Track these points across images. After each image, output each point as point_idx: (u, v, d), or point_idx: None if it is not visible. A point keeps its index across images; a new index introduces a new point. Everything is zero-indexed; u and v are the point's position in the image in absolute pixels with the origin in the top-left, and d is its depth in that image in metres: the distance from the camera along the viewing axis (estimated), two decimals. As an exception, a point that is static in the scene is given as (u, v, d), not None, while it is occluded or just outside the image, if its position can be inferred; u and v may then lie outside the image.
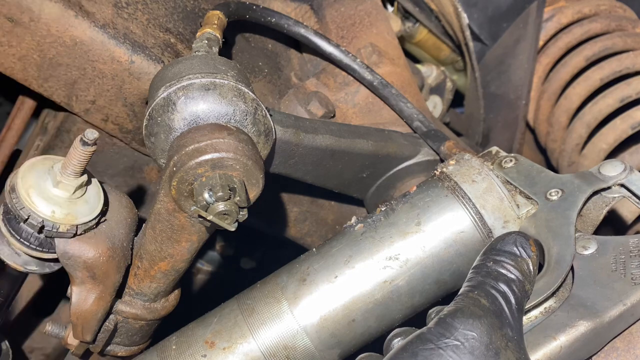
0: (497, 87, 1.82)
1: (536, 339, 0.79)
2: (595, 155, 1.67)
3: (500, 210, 0.92)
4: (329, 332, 0.93)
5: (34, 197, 0.87)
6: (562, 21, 1.81)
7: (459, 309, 0.74)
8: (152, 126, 0.95)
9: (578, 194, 0.91)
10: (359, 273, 0.93)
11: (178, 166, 0.88)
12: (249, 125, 0.96)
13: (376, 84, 1.30)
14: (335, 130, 1.14)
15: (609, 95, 1.66)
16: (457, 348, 0.71)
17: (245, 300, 0.97)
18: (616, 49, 1.72)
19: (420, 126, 1.23)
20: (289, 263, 1.00)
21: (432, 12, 1.74)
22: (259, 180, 0.91)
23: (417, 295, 0.94)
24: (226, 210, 0.87)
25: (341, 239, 0.97)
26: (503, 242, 0.82)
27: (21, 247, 0.91)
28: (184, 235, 0.97)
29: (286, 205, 1.34)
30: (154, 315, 1.05)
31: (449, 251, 0.93)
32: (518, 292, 0.78)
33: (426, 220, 0.94)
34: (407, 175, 1.24)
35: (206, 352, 0.93)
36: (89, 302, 0.95)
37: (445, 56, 1.85)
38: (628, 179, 0.91)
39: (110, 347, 1.06)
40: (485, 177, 0.94)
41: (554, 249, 0.85)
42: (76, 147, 0.87)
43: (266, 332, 0.93)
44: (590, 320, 0.78)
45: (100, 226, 0.93)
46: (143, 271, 1.01)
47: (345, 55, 1.31)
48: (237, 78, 0.97)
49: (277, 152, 1.07)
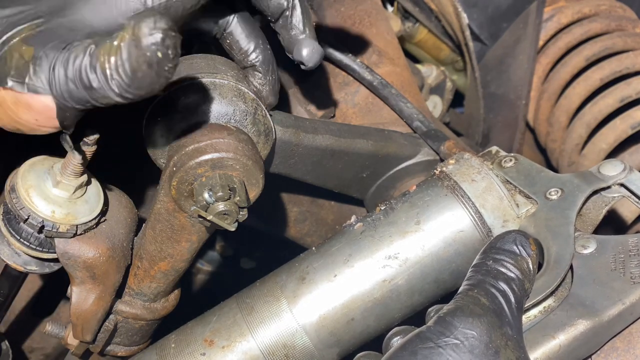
0: (497, 87, 1.82)
1: (535, 338, 0.79)
2: (595, 155, 1.66)
3: (499, 209, 0.92)
4: (328, 330, 0.93)
5: (33, 197, 0.87)
6: (562, 21, 1.81)
7: (459, 308, 0.74)
8: (152, 126, 0.95)
9: (578, 194, 0.91)
10: (359, 272, 0.93)
11: (178, 166, 0.88)
12: (249, 125, 0.96)
13: (376, 84, 1.30)
14: (335, 130, 1.14)
15: (609, 95, 1.66)
16: (456, 347, 0.71)
17: (245, 298, 0.97)
18: (616, 49, 1.72)
19: (420, 126, 1.23)
20: (289, 262, 1.00)
21: (432, 12, 1.74)
22: (259, 180, 0.91)
23: (416, 294, 0.94)
24: (226, 210, 0.87)
25: (340, 238, 0.97)
26: (503, 241, 0.82)
27: (21, 247, 0.91)
28: (184, 235, 0.97)
29: (286, 205, 1.34)
30: (154, 315, 1.05)
31: (448, 250, 0.93)
32: (518, 290, 0.78)
33: (425, 220, 0.94)
34: (407, 175, 1.24)
35: (205, 351, 0.93)
36: (89, 302, 0.95)
37: (445, 56, 1.85)
38: (628, 178, 0.91)
39: (110, 347, 1.07)
40: (484, 176, 0.94)
41: (554, 248, 0.86)
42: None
43: (265, 331, 0.93)
44: (590, 319, 0.78)
45: (100, 226, 0.93)
46: (143, 271, 1.01)
47: (345, 55, 1.31)
48: (237, 78, 0.97)
49: (277, 152, 1.07)
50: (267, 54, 0.99)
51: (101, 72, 0.68)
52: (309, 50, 0.95)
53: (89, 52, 0.70)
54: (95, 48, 0.69)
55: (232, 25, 0.97)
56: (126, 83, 0.68)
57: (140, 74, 0.66)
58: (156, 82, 0.68)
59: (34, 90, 0.74)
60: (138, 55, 0.65)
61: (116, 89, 0.69)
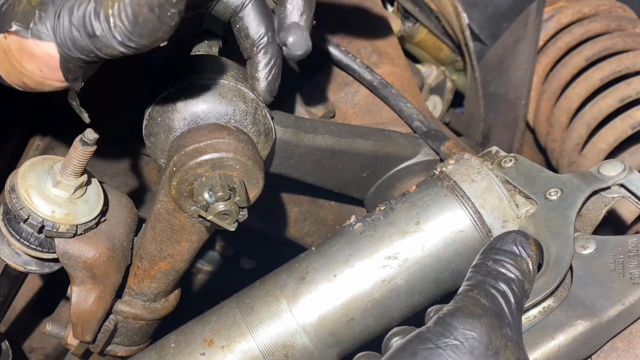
0: (497, 87, 1.82)
1: (535, 339, 0.79)
2: (595, 155, 1.67)
3: (499, 209, 0.92)
4: (328, 330, 0.93)
5: (33, 197, 0.87)
6: (562, 21, 1.81)
7: (459, 308, 0.74)
8: (152, 126, 0.95)
9: (577, 194, 0.91)
10: (358, 272, 0.93)
11: (178, 166, 0.88)
12: (249, 125, 0.96)
13: (376, 84, 1.30)
14: (335, 130, 1.14)
15: (609, 95, 1.66)
16: (456, 348, 0.71)
17: (244, 298, 0.97)
18: (616, 49, 1.72)
19: (420, 126, 1.23)
20: (288, 262, 1.00)
21: (432, 12, 1.75)
22: (259, 180, 0.91)
23: (416, 295, 0.95)
24: (226, 210, 0.87)
25: (340, 238, 0.97)
26: (503, 241, 0.82)
27: (21, 247, 0.91)
28: (184, 235, 0.97)
29: (286, 205, 1.34)
30: (154, 315, 1.05)
31: (448, 250, 0.93)
32: (518, 291, 0.78)
33: (425, 220, 0.94)
34: (407, 175, 1.24)
35: (205, 351, 0.93)
36: (89, 302, 0.95)
37: (445, 56, 1.85)
38: (627, 179, 0.91)
39: (110, 347, 1.07)
40: (484, 176, 0.94)
41: (553, 248, 0.86)
42: (76, 147, 0.87)
43: (265, 331, 0.93)
44: (589, 319, 0.78)
45: (100, 226, 0.93)
46: (143, 271, 1.01)
47: (345, 55, 1.31)
48: (237, 78, 0.97)
49: (277, 152, 1.07)
50: (275, 47, 0.96)
51: (104, 19, 0.68)
52: (297, 37, 0.92)
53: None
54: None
55: (246, 8, 0.94)
56: (128, 30, 0.67)
57: (142, 19, 0.66)
58: (159, 29, 0.67)
59: (37, 36, 0.73)
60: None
61: (119, 37, 0.68)
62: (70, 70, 0.76)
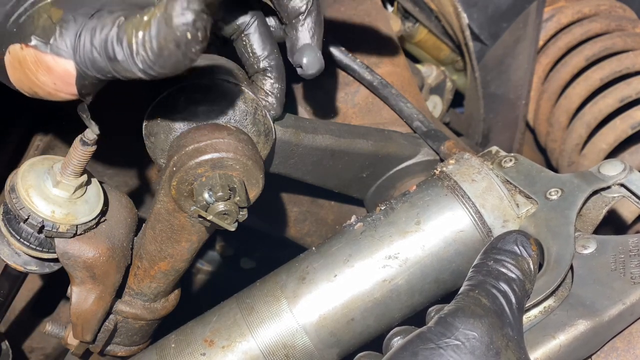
0: (497, 87, 1.82)
1: (535, 338, 0.79)
2: (595, 155, 1.66)
3: (499, 209, 0.92)
4: (328, 330, 0.93)
5: (33, 197, 0.87)
6: (562, 21, 1.81)
7: (460, 308, 0.74)
8: (152, 126, 0.95)
9: (578, 194, 0.91)
10: (359, 272, 0.93)
11: (178, 166, 0.88)
12: (249, 125, 0.96)
13: (376, 84, 1.30)
14: (335, 130, 1.14)
15: (609, 95, 1.66)
16: (457, 348, 0.71)
17: (245, 298, 0.97)
18: (616, 49, 1.72)
19: (420, 126, 1.23)
20: (289, 262, 1.00)
21: (432, 12, 1.74)
22: (259, 180, 0.91)
23: (416, 294, 0.94)
24: (226, 210, 0.87)
25: (341, 238, 0.97)
26: (504, 241, 0.82)
27: (21, 247, 0.91)
28: (183, 235, 0.97)
29: (286, 205, 1.34)
30: (154, 315, 1.05)
31: (448, 250, 0.93)
32: (519, 291, 0.78)
33: (426, 220, 0.94)
34: (407, 175, 1.24)
35: (205, 351, 0.93)
36: (89, 302, 0.95)
37: (445, 56, 1.85)
38: (628, 178, 0.91)
39: (110, 347, 1.06)
40: (484, 176, 0.94)
41: (554, 248, 0.86)
42: (76, 147, 0.87)
43: (265, 331, 0.93)
44: (590, 319, 0.78)
45: (100, 226, 0.93)
46: (143, 271, 1.01)
47: (345, 56, 1.31)
48: (237, 78, 0.97)
49: (277, 152, 1.07)
50: (280, 62, 1.00)
51: (127, 46, 0.68)
52: (310, 58, 0.96)
53: (118, 24, 0.69)
54: (124, 20, 0.69)
55: (251, 27, 0.97)
56: (151, 60, 0.67)
57: (167, 53, 0.65)
58: (181, 63, 0.67)
59: (56, 53, 0.73)
60: (167, 34, 0.64)
61: (140, 65, 0.68)
62: (85, 87, 0.76)
